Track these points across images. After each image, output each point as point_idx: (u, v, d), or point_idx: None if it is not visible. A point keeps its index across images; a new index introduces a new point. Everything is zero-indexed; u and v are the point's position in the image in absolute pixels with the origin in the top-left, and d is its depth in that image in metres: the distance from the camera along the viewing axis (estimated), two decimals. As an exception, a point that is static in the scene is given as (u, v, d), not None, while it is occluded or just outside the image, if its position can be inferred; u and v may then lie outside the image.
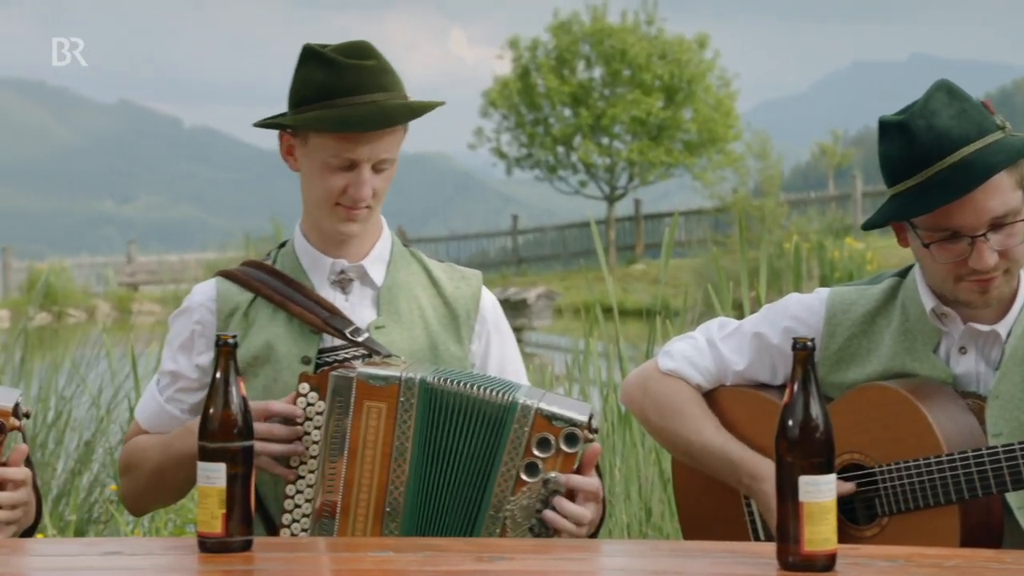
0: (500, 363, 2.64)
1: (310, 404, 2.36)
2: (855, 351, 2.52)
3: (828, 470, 1.91)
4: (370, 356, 2.47)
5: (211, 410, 2.02)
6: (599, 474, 2.38)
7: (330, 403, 2.29)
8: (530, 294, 23.42)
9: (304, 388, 2.36)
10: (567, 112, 31.71)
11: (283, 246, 2.64)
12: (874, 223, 2.46)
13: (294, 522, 2.35)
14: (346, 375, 2.29)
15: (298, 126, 2.49)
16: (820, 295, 2.59)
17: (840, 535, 1.95)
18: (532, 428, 2.28)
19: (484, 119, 32.94)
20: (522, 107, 31.90)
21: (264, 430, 2.30)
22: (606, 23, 31.40)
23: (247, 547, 2.02)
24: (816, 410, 1.93)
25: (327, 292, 2.56)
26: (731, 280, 4.57)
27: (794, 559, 1.91)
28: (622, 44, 30.78)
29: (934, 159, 2.35)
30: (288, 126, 2.51)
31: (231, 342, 2.04)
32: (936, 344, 2.47)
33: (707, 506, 2.66)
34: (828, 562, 1.91)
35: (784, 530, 1.92)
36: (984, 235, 2.34)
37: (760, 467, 2.52)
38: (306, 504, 2.34)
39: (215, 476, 2.00)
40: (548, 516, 2.28)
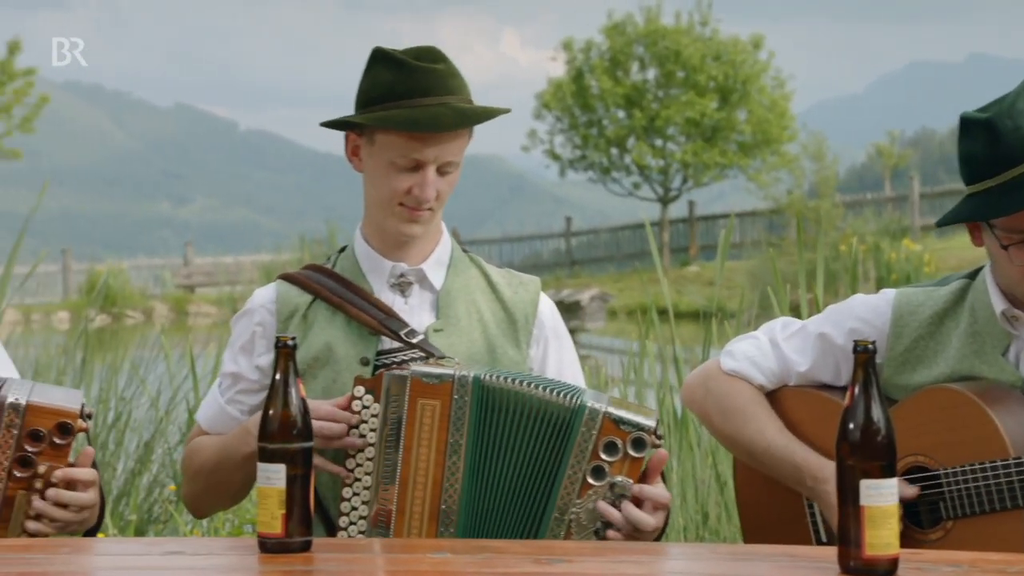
0: (558, 368, 2.64)
1: (365, 407, 2.37)
2: (921, 353, 2.50)
3: (890, 474, 1.90)
4: (425, 358, 2.48)
5: (271, 411, 2.03)
6: (663, 479, 2.37)
7: (384, 403, 2.30)
8: (583, 296, 23.41)
9: (359, 391, 2.37)
10: (621, 114, 31.65)
11: (343, 250, 2.66)
12: (950, 220, 2.43)
13: (351, 524, 2.36)
14: (400, 375, 2.30)
15: (368, 124, 2.50)
16: (886, 296, 2.57)
17: (903, 539, 1.93)
18: (600, 432, 2.28)
19: (537, 121, 32.95)
20: (576, 109, 31.87)
21: (315, 428, 2.30)
22: (660, 24, 31.31)
23: (307, 548, 2.03)
24: (877, 413, 1.91)
25: (386, 296, 2.57)
26: (787, 282, 4.54)
27: (855, 563, 1.90)
28: (676, 45, 30.67)
29: (1019, 160, 2.32)
30: (358, 124, 2.52)
31: (291, 343, 2.06)
32: (1006, 347, 2.44)
33: (769, 507, 2.64)
34: (890, 566, 1.89)
35: (845, 534, 1.90)
36: None
37: (824, 469, 2.50)
38: (363, 506, 2.35)
39: (275, 477, 2.01)
40: (615, 520, 2.28)
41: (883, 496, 1.88)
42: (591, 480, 2.28)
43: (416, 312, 2.56)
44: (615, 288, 25.79)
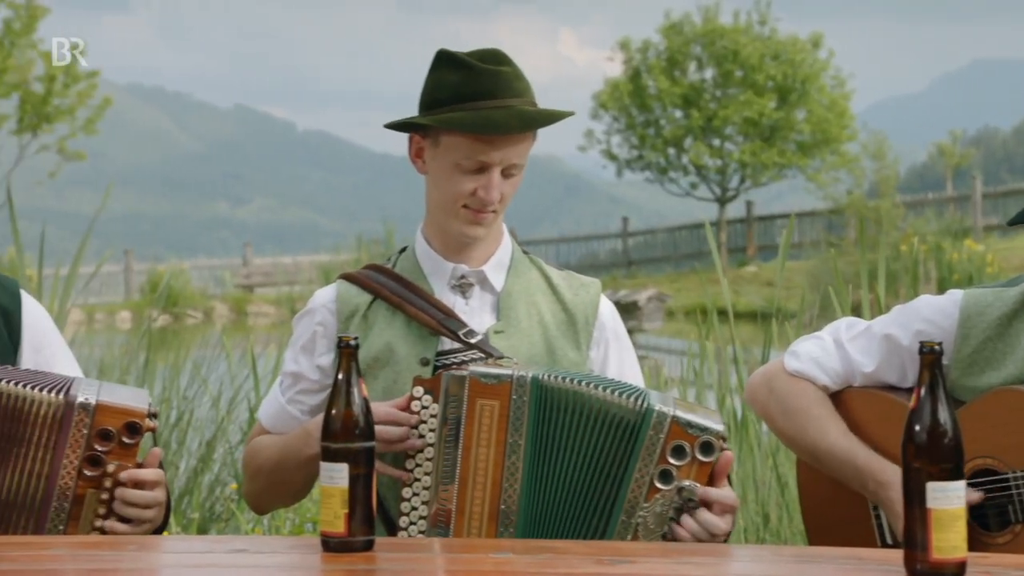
0: (619, 370, 2.63)
1: (424, 407, 2.37)
2: (990, 354, 2.47)
3: (957, 476, 1.88)
4: (484, 358, 2.48)
5: (333, 411, 2.04)
6: (729, 482, 2.36)
7: (443, 403, 2.30)
8: (641, 296, 23.34)
9: (418, 391, 2.38)
10: (678, 114, 31.53)
11: (403, 251, 2.66)
12: (1021, 220, 2.42)
13: (411, 524, 2.36)
14: (459, 375, 2.30)
15: (435, 125, 2.50)
16: (954, 297, 2.54)
17: (971, 542, 1.91)
18: (667, 435, 2.27)
19: (594, 121, 32.90)
20: (633, 109, 31.79)
21: (378, 432, 2.31)
22: (718, 24, 31.16)
23: (369, 547, 2.04)
24: (944, 415, 1.89)
25: (447, 297, 2.58)
26: (848, 282, 4.51)
27: (922, 567, 1.88)
28: (734, 45, 30.51)
29: None
30: (423, 126, 2.53)
31: (353, 343, 2.07)
32: None
33: (833, 509, 2.62)
34: (957, 570, 1.87)
35: (912, 537, 1.89)
36: None
37: (887, 473, 2.48)
38: (423, 506, 2.36)
39: (338, 476, 2.02)
40: (687, 525, 2.26)
41: (950, 499, 1.86)
42: (659, 484, 2.27)
43: (477, 314, 2.57)
44: (672, 288, 25.69)
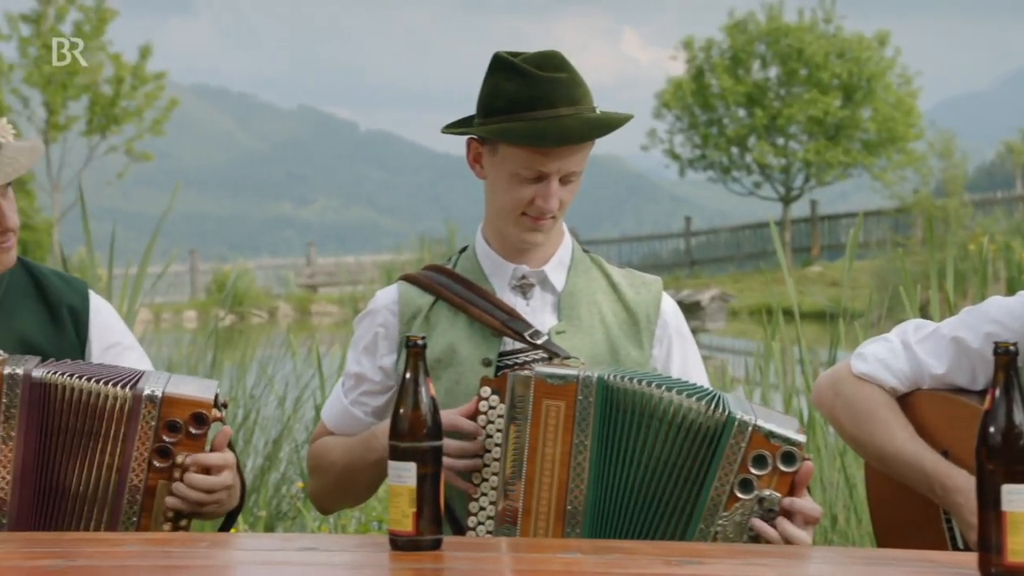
0: (683, 368, 2.62)
1: (491, 407, 2.37)
2: None
3: (1033, 478, 1.85)
4: (548, 358, 2.48)
5: (401, 410, 2.05)
6: (809, 492, 2.32)
7: (509, 404, 2.30)
8: (704, 296, 23.23)
9: (485, 392, 2.38)
10: (741, 112, 31.35)
11: (464, 251, 2.66)
12: None
13: (479, 524, 2.37)
14: (525, 375, 2.29)
15: (491, 137, 2.49)
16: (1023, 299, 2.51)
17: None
18: (749, 444, 2.23)
19: (657, 120, 32.79)
20: (696, 108, 31.64)
21: (446, 445, 2.31)
22: (782, 22, 30.95)
23: (437, 546, 2.04)
24: (1019, 416, 1.87)
25: (508, 297, 2.58)
26: (915, 282, 4.45)
27: (996, 570, 1.86)
28: (799, 43, 30.28)
29: None
30: (481, 136, 2.52)
31: (420, 343, 2.07)
32: None
33: (902, 512, 2.60)
34: (1032, 574, 1.85)
35: (986, 540, 1.86)
36: None
37: (954, 478, 2.45)
38: (490, 507, 2.36)
39: (406, 475, 2.03)
40: (768, 535, 2.23)
41: (1025, 501, 1.83)
42: (739, 493, 2.24)
43: (538, 314, 2.56)
44: (735, 288, 25.54)
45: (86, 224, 5.12)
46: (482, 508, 2.36)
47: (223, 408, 2.40)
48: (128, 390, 2.33)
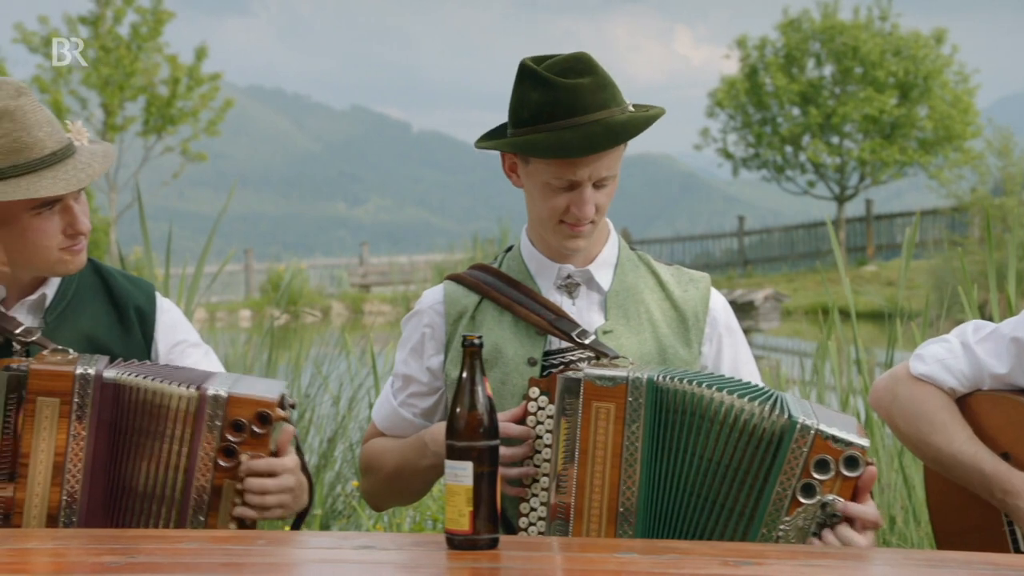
0: (733, 365, 2.60)
1: (540, 408, 2.37)
2: None
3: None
4: (596, 358, 2.47)
5: (458, 410, 2.05)
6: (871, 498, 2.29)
7: (559, 405, 2.29)
8: (757, 296, 23.10)
9: (534, 392, 2.38)
10: (795, 111, 31.16)
11: (509, 250, 2.66)
12: None
13: (530, 525, 2.37)
14: (574, 377, 2.28)
15: (517, 151, 2.49)
16: None
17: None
18: (811, 449, 2.20)
19: (710, 119, 32.65)
20: (749, 107, 31.48)
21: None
22: (837, 20, 30.73)
23: (493, 545, 2.04)
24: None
25: (553, 297, 2.57)
26: (973, 282, 4.40)
27: (1059, 574, 1.83)
28: (854, 41, 30.05)
29: None
30: (508, 150, 2.52)
31: (477, 342, 2.08)
32: None
33: (962, 515, 2.57)
34: (1097, 578, 1.82)
35: (1049, 544, 1.84)
36: None
37: (1014, 482, 2.42)
38: (541, 507, 2.36)
39: (462, 475, 2.03)
40: (828, 541, 2.20)
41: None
42: (801, 498, 2.21)
43: (584, 313, 2.56)
44: (789, 288, 25.39)
45: (143, 224, 5.17)
46: (532, 508, 2.36)
47: (290, 408, 2.41)
48: (193, 390, 2.35)
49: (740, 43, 31.99)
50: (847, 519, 2.22)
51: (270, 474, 2.38)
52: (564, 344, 2.51)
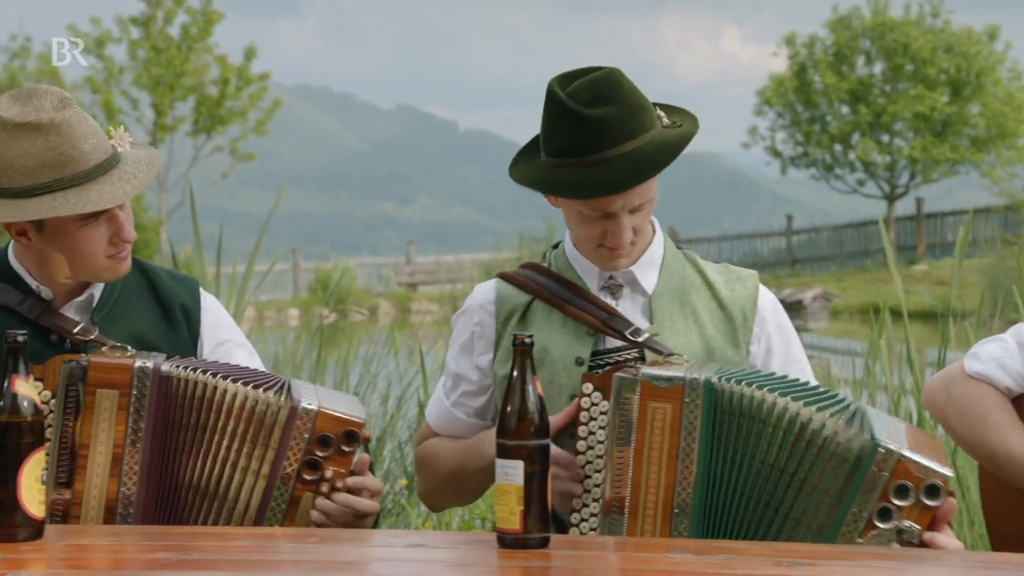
0: (784, 362, 2.57)
1: (594, 404, 2.36)
2: None
3: None
4: (642, 358, 2.46)
5: (508, 408, 2.05)
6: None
7: (614, 404, 2.28)
8: (806, 295, 22.97)
9: (587, 388, 2.36)
10: (845, 109, 30.96)
11: (556, 247, 2.65)
12: None
13: (583, 521, 2.36)
14: (630, 376, 2.27)
15: (547, 191, 2.48)
16: None
17: None
18: (892, 474, 2.15)
19: (758, 118, 32.49)
20: (798, 105, 31.31)
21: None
22: (888, 17, 30.50)
23: (545, 544, 2.04)
24: None
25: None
26: (1025, 281, 4.35)
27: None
28: (905, 38, 29.82)
29: None
30: (539, 189, 2.49)
31: (528, 341, 2.07)
32: None
33: (1017, 514, 2.54)
34: None
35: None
36: None
37: None
38: (594, 504, 2.35)
39: (513, 473, 2.03)
40: None
41: None
42: (877, 522, 2.16)
43: (629, 315, 2.54)
44: (838, 287, 25.22)
45: (195, 223, 5.20)
46: (585, 505, 2.35)
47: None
48: (284, 399, 2.35)
49: (789, 41, 31.82)
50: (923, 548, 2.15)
51: (364, 493, 2.38)
52: (614, 343, 2.50)
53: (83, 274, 2.53)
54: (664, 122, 2.47)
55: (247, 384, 2.38)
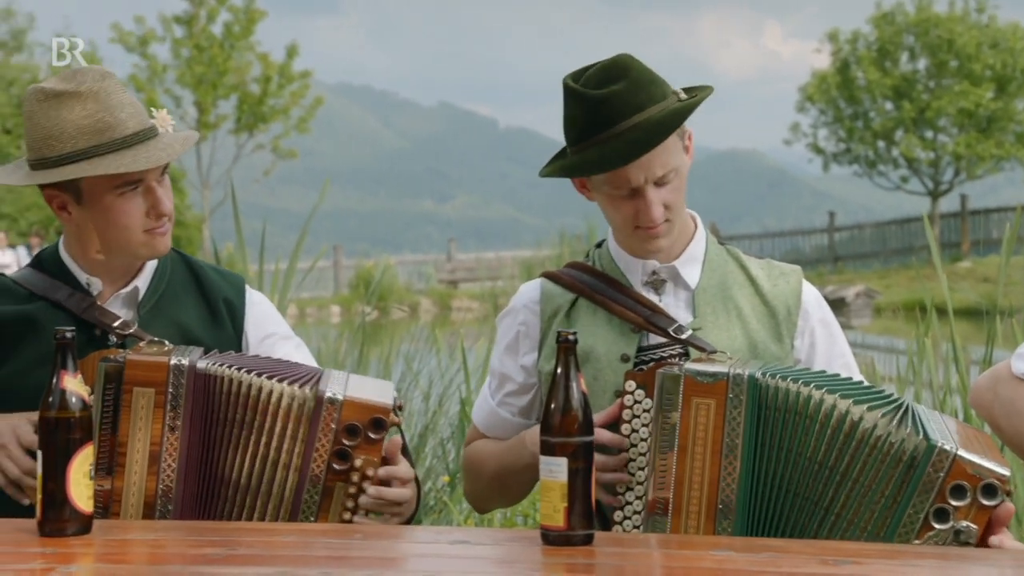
0: (828, 358, 2.55)
1: (637, 401, 2.35)
2: None
3: None
4: (686, 354, 2.45)
5: (552, 405, 2.05)
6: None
7: (658, 400, 2.27)
8: (848, 292, 22.85)
9: (630, 386, 2.36)
10: (888, 105, 30.74)
11: (600, 245, 2.65)
12: None
13: (626, 519, 2.35)
14: (674, 372, 2.26)
15: (570, 175, 2.51)
16: None
17: None
18: (948, 474, 2.13)
19: (800, 114, 32.32)
20: (840, 101, 31.11)
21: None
22: (932, 12, 30.26)
23: (588, 541, 2.04)
24: None
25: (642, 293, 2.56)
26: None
27: None
28: (949, 34, 29.57)
29: None
30: (562, 175, 2.52)
31: (571, 338, 2.07)
32: None
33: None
34: None
35: None
36: None
37: None
38: (637, 501, 2.34)
39: (557, 470, 2.03)
40: None
41: None
42: (934, 523, 2.13)
43: (671, 310, 2.53)
44: (880, 284, 25.06)
45: (237, 221, 5.23)
46: (628, 503, 2.34)
47: (399, 411, 2.42)
48: (308, 390, 2.36)
49: (832, 37, 31.64)
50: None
51: (395, 482, 2.38)
52: (658, 340, 2.49)
53: (120, 249, 2.53)
54: (681, 96, 2.47)
55: (280, 380, 2.38)
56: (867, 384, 2.34)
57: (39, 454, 2.09)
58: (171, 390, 2.36)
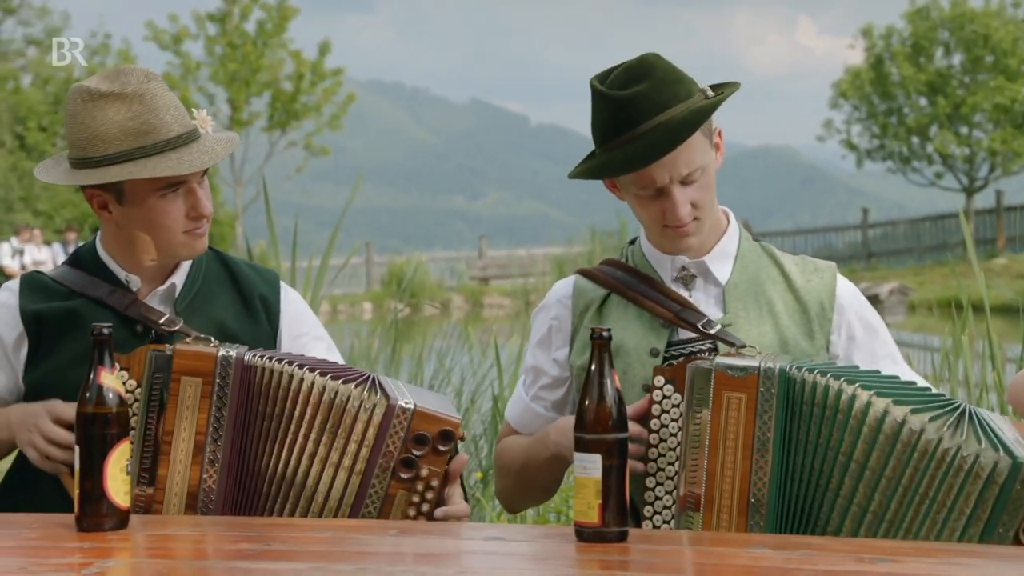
0: (870, 351, 2.54)
1: (666, 396, 2.34)
2: None
3: None
4: (715, 348, 2.45)
5: (586, 402, 2.05)
6: None
7: (688, 395, 2.27)
8: (882, 289, 22.73)
9: (659, 381, 2.35)
10: (923, 101, 30.53)
11: (633, 242, 2.65)
12: None
13: (656, 514, 2.34)
14: (704, 367, 2.25)
15: (597, 176, 2.51)
16: None
17: None
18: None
19: (833, 111, 32.15)
20: (874, 97, 30.93)
21: None
22: (968, 7, 30.04)
23: (623, 538, 2.04)
24: None
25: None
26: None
27: None
28: (985, 29, 29.35)
29: None
30: (589, 177, 2.52)
31: (605, 335, 2.07)
32: None
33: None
34: None
35: None
36: None
37: None
38: (667, 496, 2.33)
39: (591, 467, 2.03)
40: None
41: None
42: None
43: (701, 306, 2.53)
44: (915, 281, 24.91)
45: (270, 218, 5.24)
46: (658, 498, 2.33)
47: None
48: (381, 396, 2.36)
49: (865, 33, 31.45)
50: None
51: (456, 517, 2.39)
52: (687, 335, 2.49)
53: (160, 249, 2.56)
54: (708, 94, 2.47)
55: (331, 376, 2.39)
56: (909, 380, 2.31)
57: (76, 450, 2.11)
58: (218, 381, 2.38)
